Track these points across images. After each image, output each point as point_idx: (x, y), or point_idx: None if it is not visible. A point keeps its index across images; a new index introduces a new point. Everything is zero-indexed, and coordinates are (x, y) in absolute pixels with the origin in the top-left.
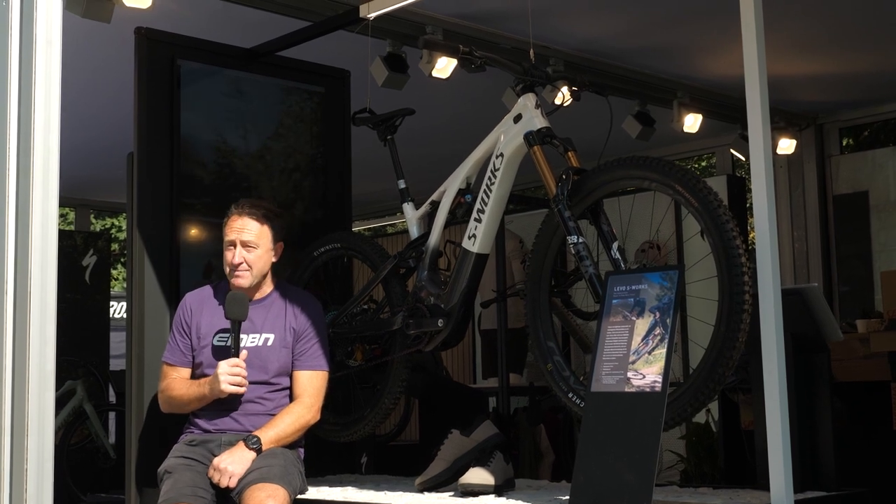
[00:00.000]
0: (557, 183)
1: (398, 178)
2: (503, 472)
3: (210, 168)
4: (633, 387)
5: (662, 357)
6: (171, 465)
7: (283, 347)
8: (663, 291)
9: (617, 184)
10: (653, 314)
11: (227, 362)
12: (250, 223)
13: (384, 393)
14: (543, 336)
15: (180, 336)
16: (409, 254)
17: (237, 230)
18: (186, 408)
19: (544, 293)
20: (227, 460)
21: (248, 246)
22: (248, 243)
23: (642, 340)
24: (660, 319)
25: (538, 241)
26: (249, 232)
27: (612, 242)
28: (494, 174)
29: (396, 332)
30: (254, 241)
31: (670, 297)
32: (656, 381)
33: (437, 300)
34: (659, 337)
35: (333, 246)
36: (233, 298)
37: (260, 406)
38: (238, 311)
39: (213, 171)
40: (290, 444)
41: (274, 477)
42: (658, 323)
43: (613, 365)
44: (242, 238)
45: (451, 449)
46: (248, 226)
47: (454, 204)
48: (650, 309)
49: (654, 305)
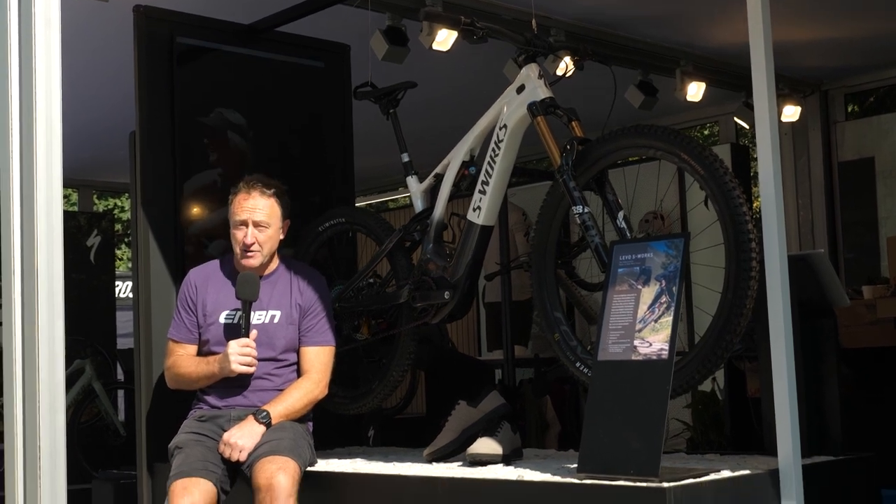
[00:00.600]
0: (562, 153)
1: (401, 152)
2: (511, 441)
3: (213, 145)
4: (640, 355)
5: (669, 325)
6: (182, 440)
7: (289, 324)
8: (669, 260)
9: (622, 153)
10: (659, 282)
11: (238, 342)
12: (262, 202)
13: (391, 366)
14: (550, 307)
15: (186, 313)
16: (414, 227)
17: (249, 210)
18: (194, 385)
19: (550, 264)
20: (237, 434)
21: (260, 226)
22: (261, 223)
23: (648, 309)
24: (666, 287)
25: (543, 212)
26: (261, 212)
27: (618, 212)
28: (498, 146)
29: (403, 305)
30: (265, 221)
31: (676, 265)
32: (663, 349)
33: (442, 273)
34: (665, 305)
35: (338, 221)
36: (244, 279)
37: (268, 382)
38: (250, 292)
39: (215, 148)
40: (298, 418)
41: (284, 450)
42: (664, 291)
43: (620, 333)
44: (255, 218)
45: (459, 420)
46: (259, 205)
47: (458, 176)
48: (656, 277)
49: (660, 274)
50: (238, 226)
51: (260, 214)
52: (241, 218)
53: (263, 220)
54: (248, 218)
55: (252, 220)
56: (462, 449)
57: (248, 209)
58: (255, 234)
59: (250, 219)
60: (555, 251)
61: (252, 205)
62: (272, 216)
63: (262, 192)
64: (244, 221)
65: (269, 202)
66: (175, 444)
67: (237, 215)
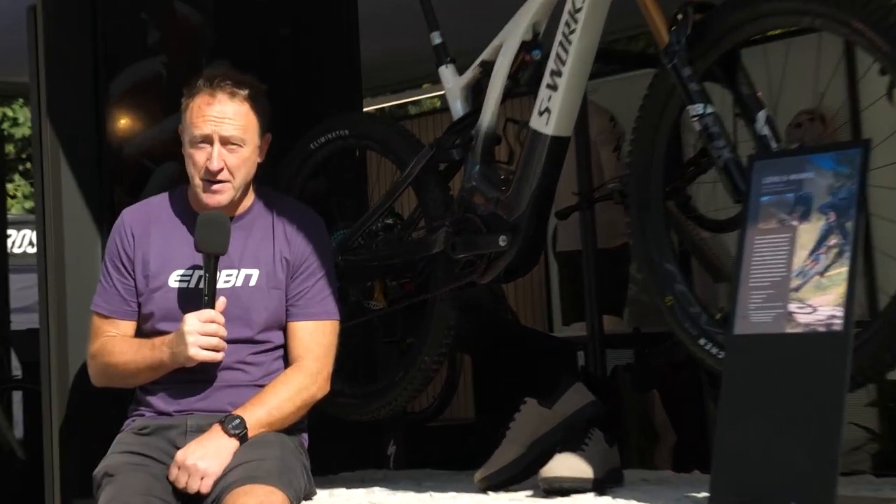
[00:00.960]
0: (671, 27)
1: (431, 30)
2: (604, 458)
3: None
4: (799, 325)
5: (843, 279)
6: (114, 464)
7: (272, 288)
8: (839, 181)
9: (762, 23)
10: (825, 216)
11: (198, 315)
12: (232, 108)
13: (422, 348)
14: (657, 256)
15: (118, 274)
16: (452, 141)
17: (214, 120)
18: (133, 380)
19: (656, 193)
20: (197, 454)
21: (232, 143)
22: (232, 139)
23: (810, 256)
24: (836, 223)
25: (644, 114)
26: (232, 123)
27: (757, 112)
28: (575, 17)
29: (437, 257)
30: (239, 137)
31: (851, 190)
32: (834, 316)
33: (495, 208)
34: (836, 250)
35: (339, 133)
36: (208, 222)
37: (242, 375)
38: (216, 241)
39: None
40: (287, 427)
41: (267, 475)
42: (833, 229)
43: (767, 294)
44: (223, 132)
45: (527, 427)
46: (228, 112)
47: (516, 64)
48: (820, 208)
49: (827, 203)
50: (197, 144)
51: (231, 127)
52: (204, 132)
53: (236, 134)
54: (214, 132)
55: (220, 134)
56: (532, 471)
57: (213, 119)
58: (223, 155)
59: (217, 133)
60: (662, 174)
61: (219, 112)
62: (248, 129)
63: (233, 93)
64: (207, 137)
65: (243, 109)
66: (103, 469)
67: (196, 128)
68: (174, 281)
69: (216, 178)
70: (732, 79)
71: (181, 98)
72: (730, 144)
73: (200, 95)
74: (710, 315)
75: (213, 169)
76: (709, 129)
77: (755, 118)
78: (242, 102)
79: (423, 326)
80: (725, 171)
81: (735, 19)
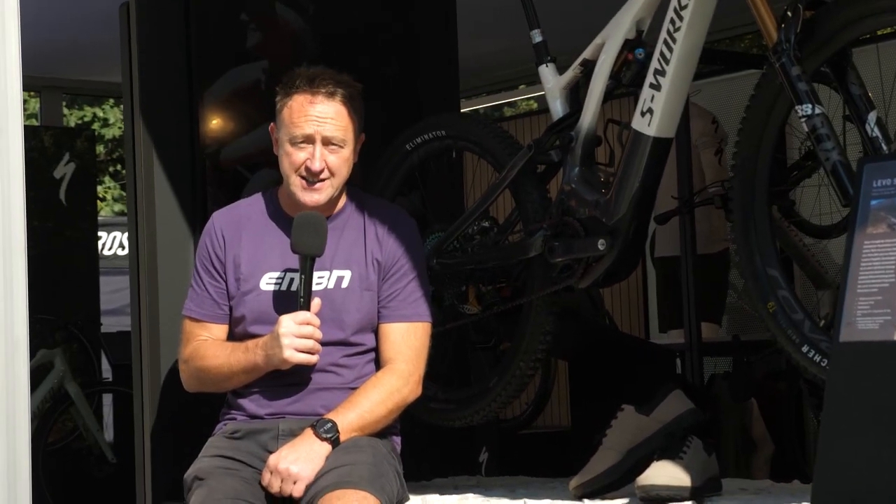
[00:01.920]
0: (780, 24)
1: (531, 28)
2: (703, 467)
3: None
4: None
5: None
6: (205, 468)
7: (364, 290)
8: None
9: (874, 20)
10: None
11: (293, 318)
12: (332, 108)
13: (518, 353)
14: (760, 262)
15: (210, 277)
16: (552, 142)
17: (316, 119)
18: (225, 384)
19: (761, 197)
20: (290, 458)
21: (333, 144)
22: (333, 140)
23: None
24: None
25: (749, 116)
26: (334, 124)
27: (868, 113)
28: (680, 14)
29: (534, 261)
30: (339, 138)
31: None
32: None
33: (594, 211)
34: None
35: (436, 134)
36: (305, 222)
37: (335, 377)
38: (313, 242)
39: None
40: (379, 431)
41: (360, 480)
42: None
43: (875, 301)
44: (325, 132)
45: (623, 434)
46: (330, 113)
47: (618, 63)
48: None
49: None
50: (298, 143)
51: (332, 127)
52: (305, 132)
53: (338, 135)
54: (317, 132)
55: (322, 134)
56: (629, 479)
57: (314, 119)
58: (324, 155)
59: (319, 133)
60: (767, 177)
61: (321, 112)
62: (348, 130)
63: (334, 92)
64: (309, 137)
65: (343, 109)
66: (194, 473)
67: (297, 127)
68: (266, 284)
69: (318, 178)
70: (843, 79)
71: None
72: (839, 147)
73: (301, 94)
74: (813, 322)
75: (315, 169)
76: (817, 130)
77: (866, 119)
78: (343, 102)
79: (518, 332)
80: (834, 173)
81: (847, 17)
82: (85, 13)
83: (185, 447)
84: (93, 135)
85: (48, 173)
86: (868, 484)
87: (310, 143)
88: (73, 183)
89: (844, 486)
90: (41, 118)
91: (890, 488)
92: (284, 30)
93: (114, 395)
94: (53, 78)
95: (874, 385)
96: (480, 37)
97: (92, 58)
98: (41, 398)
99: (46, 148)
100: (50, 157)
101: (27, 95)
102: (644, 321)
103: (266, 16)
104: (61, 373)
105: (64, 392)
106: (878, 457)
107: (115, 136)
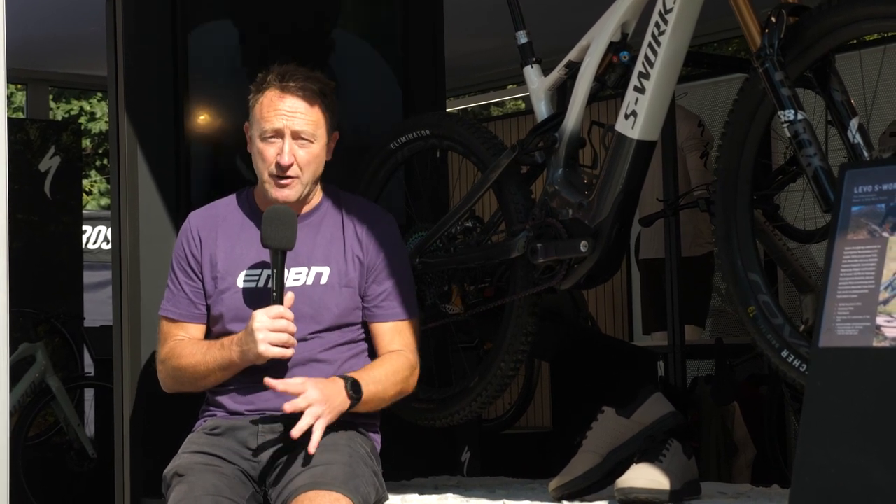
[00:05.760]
0: (764, 29)
1: (517, 30)
2: (682, 470)
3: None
4: (887, 339)
5: None
6: (185, 464)
7: (343, 286)
8: None
9: (858, 27)
10: None
11: (267, 312)
12: (303, 104)
13: (499, 354)
14: (742, 266)
15: (186, 277)
16: (535, 143)
17: (286, 114)
18: (203, 382)
19: (743, 201)
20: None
21: (302, 139)
22: (303, 134)
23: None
24: None
25: (733, 120)
26: (304, 118)
27: (850, 119)
28: (665, 18)
29: (517, 261)
30: (310, 132)
31: None
32: None
33: (577, 213)
34: None
35: (420, 134)
36: (274, 216)
37: (314, 373)
38: (283, 236)
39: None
40: (360, 428)
41: (334, 481)
42: None
43: (854, 307)
44: (294, 126)
45: (603, 436)
46: (300, 108)
47: (603, 66)
48: None
49: None
50: (268, 138)
51: (302, 122)
52: (275, 126)
53: (307, 129)
54: (286, 126)
55: (291, 129)
56: (609, 481)
57: (284, 113)
58: (294, 149)
59: (288, 127)
60: (750, 181)
61: (291, 107)
62: (319, 125)
63: (304, 87)
64: (279, 131)
65: (314, 104)
66: (174, 469)
67: (267, 122)
68: (242, 281)
69: (286, 174)
70: (825, 85)
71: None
72: (821, 152)
73: (271, 90)
74: (793, 327)
75: (284, 163)
76: (799, 135)
77: (848, 126)
78: (313, 98)
79: (500, 332)
80: (815, 179)
81: (830, 23)
82: (73, 5)
83: (165, 443)
84: (79, 128)
85: (33, 167)
86: (845, 490)
87: (279, 137)
88: (58, 176)
89: (822, 491)
90: (28, 111)
91: (866, 492)
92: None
93: (95, 390)
94: (40, 71)
95: (853, 391)
96: (468, 36)
97: (79, 51)
98: (22, 392)
99: (32, 141)
100: (35, 150)
101: (14, 88)
102: (628, 323)
103: (249, 10)
104: (43, 367)
105: (45, 386)
106: (856, 463)
107: (102, 130)
